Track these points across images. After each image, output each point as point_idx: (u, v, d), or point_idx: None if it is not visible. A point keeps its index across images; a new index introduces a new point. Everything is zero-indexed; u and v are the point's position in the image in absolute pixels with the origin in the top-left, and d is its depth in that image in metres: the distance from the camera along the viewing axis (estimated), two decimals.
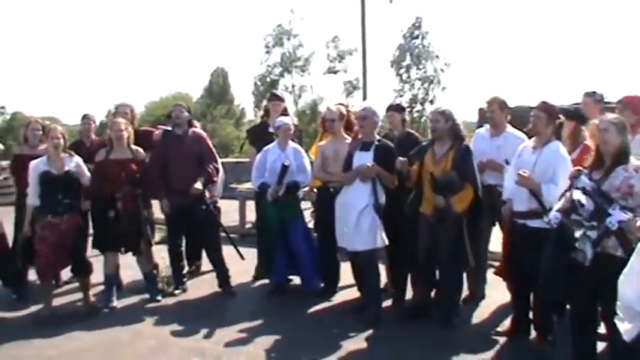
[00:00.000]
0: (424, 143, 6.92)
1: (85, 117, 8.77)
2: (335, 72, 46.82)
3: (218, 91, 61.63)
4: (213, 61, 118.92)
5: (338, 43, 46.66)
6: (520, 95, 59.61)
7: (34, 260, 7.37)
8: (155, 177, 7.88)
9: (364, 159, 6.92)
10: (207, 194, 8.04)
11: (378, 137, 7.12)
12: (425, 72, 46.94)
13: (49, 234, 7.03)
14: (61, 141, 7.22)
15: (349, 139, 7.63)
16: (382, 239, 6.87)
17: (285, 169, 7.61)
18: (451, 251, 6.46)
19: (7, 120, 58.01)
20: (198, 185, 7.80)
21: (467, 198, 6.40)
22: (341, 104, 8.33)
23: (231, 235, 8.68)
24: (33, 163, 7.18)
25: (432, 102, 45.59)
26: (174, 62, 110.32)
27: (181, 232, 8.30)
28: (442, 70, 47.15)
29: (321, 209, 7.86)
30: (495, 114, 7.24)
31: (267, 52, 47.68)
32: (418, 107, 45.94)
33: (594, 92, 7.25)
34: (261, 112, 9.07)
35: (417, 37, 46.70)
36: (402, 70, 46.97)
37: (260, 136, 8.63)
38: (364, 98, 23.50)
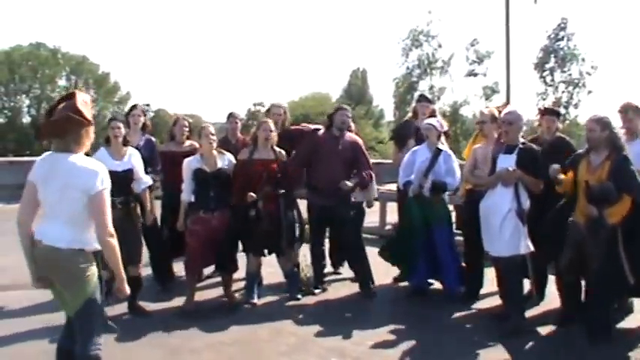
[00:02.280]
0: (580, 151, 6.64)
1: (230, 115, 8.95)
2: (474, 75, 46.15)
3: (357, 91, 62.02)
4: (352, 61, 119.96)
5: (477, 46, 46.01)
6: None
7: (181, 254, 7.58)
8: (296, 172, 7.96)
9: (507, 162, 6.70)
10: (353, 197, 8.08)
11: (522, 140, 6.89)
12: (570, 75, 45.53)
13: (199, 228, 7.20)
14: (215, 138, 7.39)
15: None
16: (526, 245, 6.64)
17: (437, 153, 7.57)
18: (602, 264, 6.13)
19: (151, 117, 60.54)
20: (349, 182, 7.82)
21: (622, 210, 6.10)
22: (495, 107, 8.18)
23: (371, 237, 8.63)
24: (187, 161, 7.37)
25: (576, 106, 44.24)
26: (314, 62, 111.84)
27: (324, 232, 8.32)
28: (588, 74, 45.67)
29: (468, 213, 7.65)
30: (633, 122, 7.06)
31: (405, 54, 47.55)
32: (562, 111, 44.50)
33: None
34: (409, 114, 9.01)
35: (561, 38, 45.36)
36: (546, 73, 45.73)
37: (404, 136, 8.55)
38: (507, 101, 22.89)
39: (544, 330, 6.71)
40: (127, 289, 4.55)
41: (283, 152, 7.79)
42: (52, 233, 4.28)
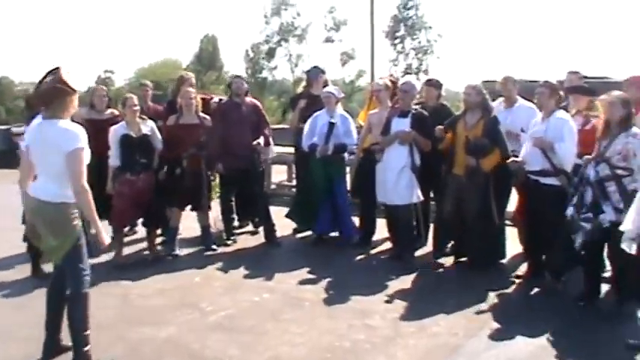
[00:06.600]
0: (457, 114, 7.90)
1: (141, 84, 10.07)
2: (332, 41, 47.89)
3: (208, 57, 61.73)
4: (202, 27, 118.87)
5: (334, 14, 47.73)
6: (508, 66, 60.25)
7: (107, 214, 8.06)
8: (215, 141, 8.65)
9: (402, 125, 7.90)
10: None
11: (414, 107, 8.08)
12: (419, 42, 47.97)
13: (126, 190, 7.95)
14: (138, 108, 8.17)
15: None
16: (418, 196, 7.92)
17: (331, 125, 8.58)
18: (479, 206, 7.38)
19: None
20: (260, 141, 8.79)
21: (494, 160, 7.33)
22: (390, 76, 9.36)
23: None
24: (113, 128, 8.06)
25: (426, 72, 46.60)
26: (164, 28, 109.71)
27: (233, 190, 9.19)
28: (435, 41, 48.21)
29: (363, 170, 8.73)
30: (512, 92, 8.19)
31: (267, 22, 48.74)
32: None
33: (577, 71, 8.14)
34: (303, 83, 9.97)
35: (410, 8, 47.69)
36: (397, 41, 47.95)
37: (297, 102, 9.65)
38: (372, 69, 24.30)
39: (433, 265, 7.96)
40: (106, 239, 5.20)
41: (208, 118, 8.63)
42: (40, 188, 4.97)
